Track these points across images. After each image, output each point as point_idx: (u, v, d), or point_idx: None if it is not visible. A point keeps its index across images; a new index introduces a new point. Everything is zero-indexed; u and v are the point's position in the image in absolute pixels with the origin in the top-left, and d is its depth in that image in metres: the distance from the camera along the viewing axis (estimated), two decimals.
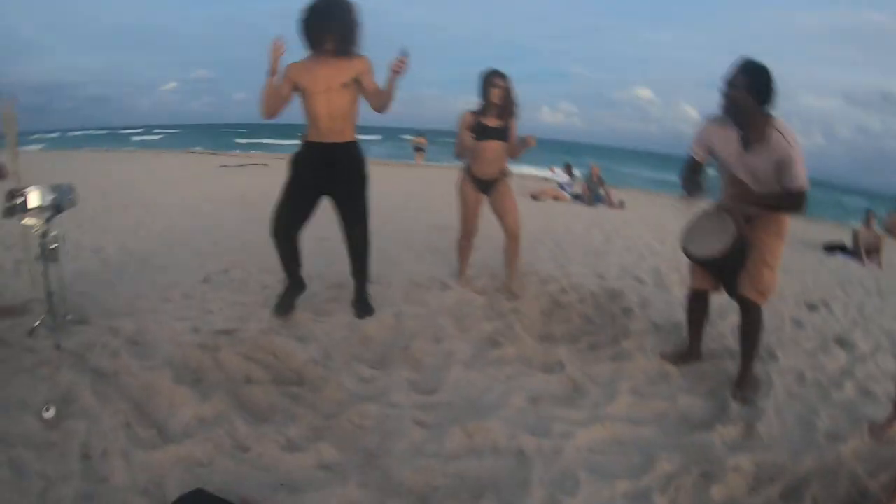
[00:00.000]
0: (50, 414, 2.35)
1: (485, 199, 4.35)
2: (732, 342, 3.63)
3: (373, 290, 3.94)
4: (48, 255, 3.19)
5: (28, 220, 3.20)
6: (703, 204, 3.02)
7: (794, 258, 7.16)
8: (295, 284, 3.69)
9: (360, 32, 3.36)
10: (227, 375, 2.85)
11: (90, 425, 2.32)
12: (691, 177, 3.04)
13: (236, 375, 2.85)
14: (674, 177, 3.34)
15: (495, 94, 4.06)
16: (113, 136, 56.07)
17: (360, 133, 3.56)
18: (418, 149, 21.78)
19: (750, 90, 2.69)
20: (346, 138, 3.48)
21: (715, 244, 2.86)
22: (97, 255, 5.23)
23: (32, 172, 12.54)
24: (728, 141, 2.89)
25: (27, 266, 4.02)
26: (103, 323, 3.43)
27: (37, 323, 3.27)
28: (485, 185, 4.29)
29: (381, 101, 3.36)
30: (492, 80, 4.08)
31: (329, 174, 3.46)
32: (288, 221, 3.51)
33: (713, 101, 2.86)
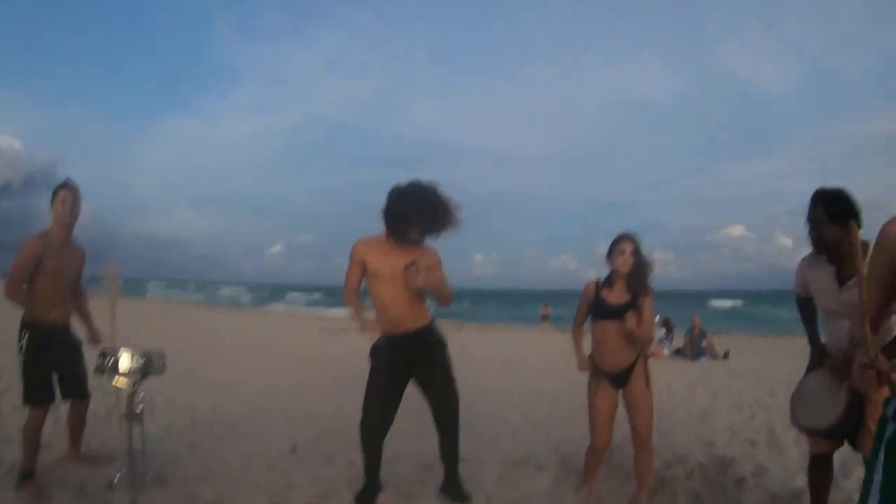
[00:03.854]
0: None
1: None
2: None
3: (463, 470, 3.75)
4: (132, 417, 3.30)
5: (118, 381, 3.34)
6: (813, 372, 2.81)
7: None
8: (372, 484, 3.51)
9: (448, 223, 3.31)
10: None
11: None
12: (808, 317, 2.96)
13: None
14: (775, 311, 3.21)
15: (620, 262, 3.34)
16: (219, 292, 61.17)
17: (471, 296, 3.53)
18: (544, 317, 24.75)
19: (830, 220, 2.56)
20: (421, 322, 3.43)
21: (826, 414, 2.57)
22: (188, 413, 5.38)
23: (143, 322, 13.61)
24: (823, 279, 2.72)
25: (117, 416, 4.20)
26: (182, 487, 3.47)
27: (117, 478, 3.33)
28: (616, 378, 3.40)
29: (439, 295, 3.39)
30: (618, 243, 3.38)
31: (411, 362, 3.42)
32: (377, 421, 3.40)
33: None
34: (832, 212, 2.57)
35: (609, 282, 3.42)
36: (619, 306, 3.33)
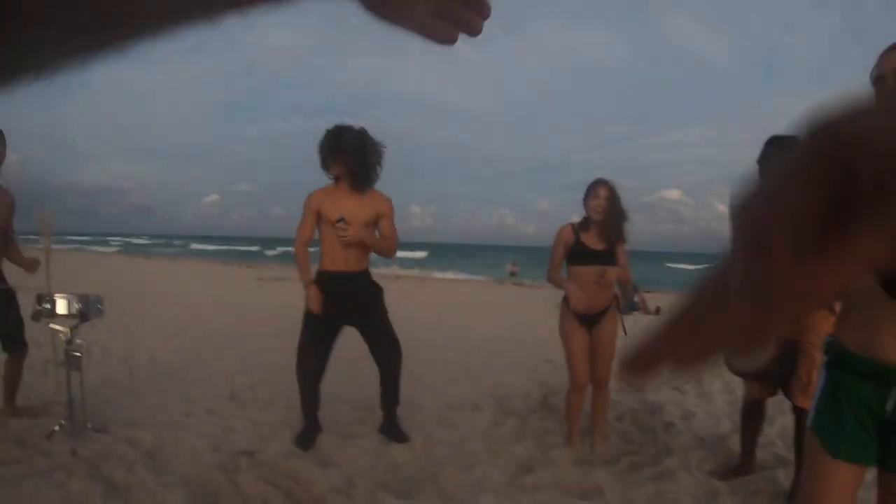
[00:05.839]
0: None
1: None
2: (783, 449, 3.38)
3: (401, 414, 3.74)
4: (71, 363, 3.23)
5: (54, 326, 3.28)
6: None
7: None
8: (311, 425, 3.51)
9: (371, 164, 3.36)
10: (245, 500, 2.71)
11: None
12: None
13: (254, 501, 2.70)
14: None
15: (594, 205, 3.33)
16: (154, 244, 59.52)
17: (405, 249, 3.57)
18: (512, 273, 26.82)
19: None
20: (362, 267, 3.47)
21: (757, 357, 2.67)
22: (125, 364, 5.28)
23: (75, 272, 13.15)
24: None
25: (54, 367, 4.05)
26: (122, 433, 3.38)
27: (56, 427, 3.27)
28: (588, 320, 3.45)
29: (388, 245, 3.46)
30: (593, 189, 3.36)
31: (349, 305, 3.41)
32: (313, 363, 3.43)
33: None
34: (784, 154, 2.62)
35: (585, 227, 3.40)
36: (601, 252, 3.35)
